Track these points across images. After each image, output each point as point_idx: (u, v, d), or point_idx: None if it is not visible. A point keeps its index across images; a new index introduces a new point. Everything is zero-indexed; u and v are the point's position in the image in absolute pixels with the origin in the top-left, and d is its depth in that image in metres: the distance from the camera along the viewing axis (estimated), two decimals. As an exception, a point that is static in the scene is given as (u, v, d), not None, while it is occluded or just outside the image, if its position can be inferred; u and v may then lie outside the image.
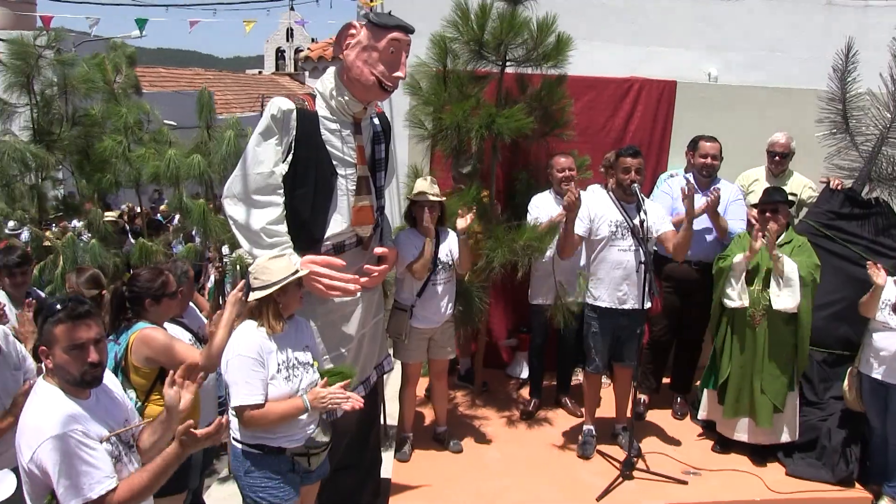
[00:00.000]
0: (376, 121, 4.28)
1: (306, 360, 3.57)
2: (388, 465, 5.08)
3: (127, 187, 6.71)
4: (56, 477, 2.44)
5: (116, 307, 4.00)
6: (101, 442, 2.58)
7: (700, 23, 6.82)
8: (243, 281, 3.77)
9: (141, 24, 9.21)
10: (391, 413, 5.67)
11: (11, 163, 6.08)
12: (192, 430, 2.64)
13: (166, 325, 4.10)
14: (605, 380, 5.85)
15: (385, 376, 5.05)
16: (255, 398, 3.34)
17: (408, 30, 3.95)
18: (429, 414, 5.71)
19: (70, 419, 2.53)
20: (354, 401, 3.51)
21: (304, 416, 3.48)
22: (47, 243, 6.72)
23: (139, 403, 3.85)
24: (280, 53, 33.93)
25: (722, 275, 5.06)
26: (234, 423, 3.48)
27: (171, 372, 2.86)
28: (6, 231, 7.34)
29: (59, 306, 2.61)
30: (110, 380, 2.91)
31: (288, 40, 33.24)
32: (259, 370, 3.36)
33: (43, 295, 5.50)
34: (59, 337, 2.59)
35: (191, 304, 4.71)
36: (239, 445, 3.52)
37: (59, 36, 7.32)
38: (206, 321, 4.71)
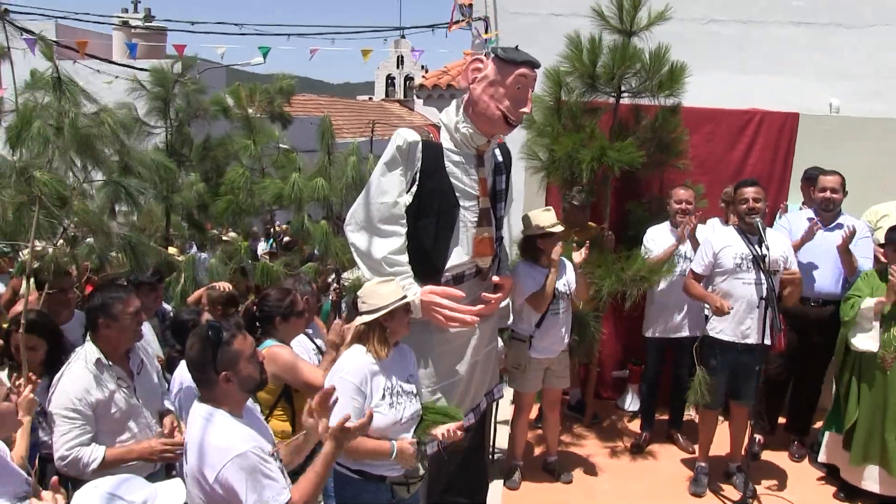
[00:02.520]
0: (497, 151, 4.30)
1: (410, 390, 3.53)
2: (496, 493, 5.08)
3: (257, 212, 6.99)
4: (244, 492, 2.57)
5: (247, 325, 4.19)
6: (270, 456, 2.72)
7: (819, 51, 6.62)
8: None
9: (265, 52, 9.62)
10: (498, 440, 5.69)
11: (140, 167, 6.37)
12: (345, 426, 2.76)
13: None
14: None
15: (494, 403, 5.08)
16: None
17: (535, 65, 3.96)
18: (537, 442, 5.71)
19: (248, 437, 2.69)
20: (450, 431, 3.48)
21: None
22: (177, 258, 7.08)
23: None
24: (390, 80, 34.59)
25: (851, 317, 4.84)
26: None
27: (309, 402, 2.92)
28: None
29: (222, 328, 2.77)
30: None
31: (398, 67, 33.87)
32: (357, 398, 3.27)
33: (169, 308, 5.81)
34: (242, 349, 2.77)
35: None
36: (336, 467, 3.42)
37: (190, 64, 7.80)
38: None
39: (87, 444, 3.37)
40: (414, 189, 3.94)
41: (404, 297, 3.47)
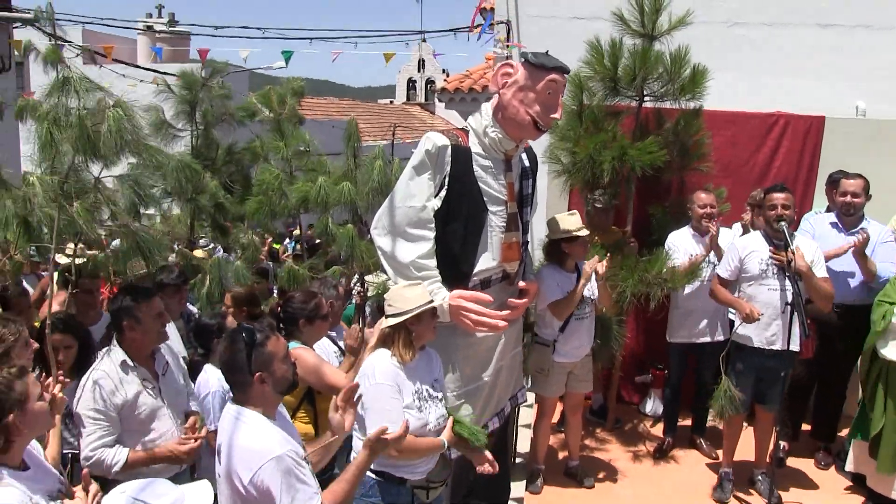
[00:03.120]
0: (524, 156, 4.28)
1: (436, 395, 3.54)
2: (518, 497, 5.06)
3: (289, 214, 7.02)
4: (279, 494, 2.57)
5: None
6: (304, 459, 2.72)
7: (844, 53, 6.53)
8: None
9: (287, 56, 9.68)
10: (520, 444, 5.68)
11: (157, 157, 6.33)
12: (382, 436, 2.79)
13: None
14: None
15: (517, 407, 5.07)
16: (395, 427, 3.13)
17: (565, 71, 3.94)
18: (559, 446, 5.69)
19: (284, 440, 2.69)
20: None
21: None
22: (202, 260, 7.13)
23: (285, 421, 4.05)
24: (411, 84, 34.69)
25: (883, 328, 4.73)
26: (357, 445, 3.41)
27: (334, 399, 2.94)
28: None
29: (256, 330, 2.76)
30: None
31: (419, 71, 33.97)
32: (397, 398, 3.30)
33: (194, 309, 5.85)
34: (276, 350, 2.76)
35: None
36: None
37: (218, 69, 7.88)
38: None
39: (112, 446, 3.42)
40: (443, 193, 3.92)
41: (431, 301, 3.46)
